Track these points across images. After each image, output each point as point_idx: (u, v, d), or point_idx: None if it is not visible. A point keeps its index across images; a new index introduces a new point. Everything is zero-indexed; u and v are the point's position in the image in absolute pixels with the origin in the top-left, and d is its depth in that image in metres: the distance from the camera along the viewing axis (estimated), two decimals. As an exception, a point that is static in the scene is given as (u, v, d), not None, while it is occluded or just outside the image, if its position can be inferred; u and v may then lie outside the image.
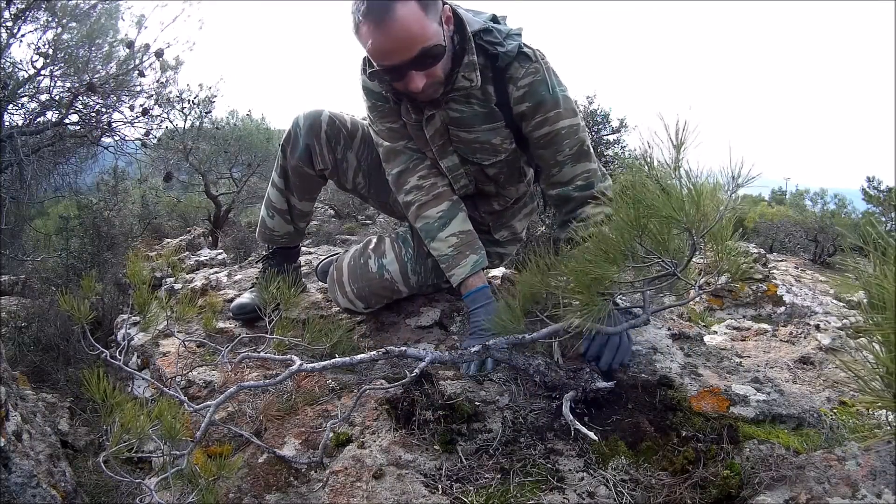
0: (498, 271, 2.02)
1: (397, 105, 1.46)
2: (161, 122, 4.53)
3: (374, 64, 1.29)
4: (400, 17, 1.18)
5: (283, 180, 1.67)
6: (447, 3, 1.31)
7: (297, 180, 1.66)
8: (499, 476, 0.95)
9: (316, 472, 1.01)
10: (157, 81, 4.28)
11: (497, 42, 1.35)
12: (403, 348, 1.15)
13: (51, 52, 3.55)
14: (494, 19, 1.41)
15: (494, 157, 1.49)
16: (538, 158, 1.47)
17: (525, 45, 1.37)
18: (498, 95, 1.39)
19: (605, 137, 4.75)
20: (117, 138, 4.10)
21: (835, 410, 1.22)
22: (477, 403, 1.14)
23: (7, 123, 3.46)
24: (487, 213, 1.67)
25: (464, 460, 1.00)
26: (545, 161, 1.44)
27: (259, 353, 1.30)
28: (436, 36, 1.24)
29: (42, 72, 3.56)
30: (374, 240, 1.61)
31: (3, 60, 3.36)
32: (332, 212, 6.81)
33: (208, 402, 1.04)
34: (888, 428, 0.87)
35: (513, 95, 1.38)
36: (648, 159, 1.00)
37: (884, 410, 0.95)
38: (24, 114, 3.66)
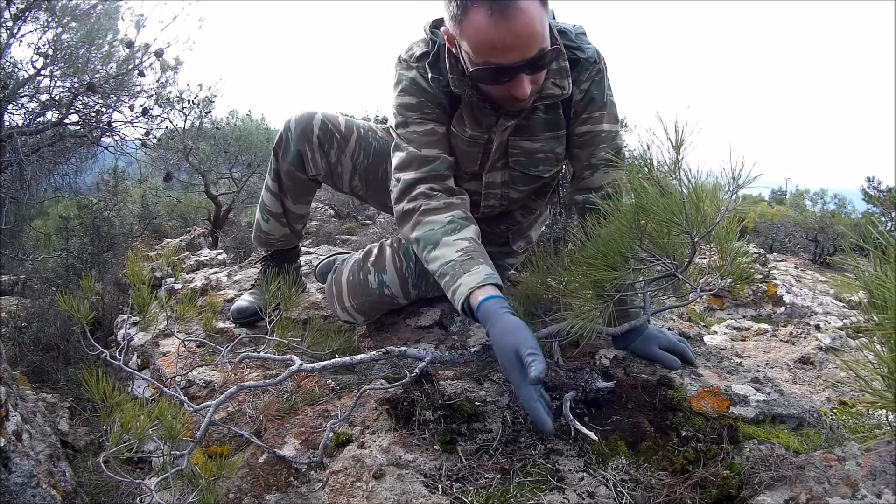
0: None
1: (453, 111, 1.32)
2: (161, 122, 4.52)
3: (475, 60, 1.13)
4: (525, 9, 1.04)
5: (277, 184, 1.63)
6: None
7: (290, 184, 1.63)
8: (499, 476, 0.95)
9: (316, 472, 1.01)
10: (157, 81, 4.28)
11: (575, 46, 1.27)
12: (403, 348, 1.16)
13: (51, 52, 3.54)
14: (553, 17, 1.29)
15: (556, 167, 1.43)
16: (573, 159, 1.42)
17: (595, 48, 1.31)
18: (563, 98, 1.31)
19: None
20: (117, 138, 4.10)
21: (835, 410, 1.22)
22: (477, 403, 1.14)
23: (7, 123, 3.46)
24: (509, 225, 1.63)
25: (464, 460, 1.00)
26: (579, 162, 1.39)
27: (259, 353, 1.30)
28: (550, 37, 1.13)
29: (42, 72, 3.56)
30: (375, 251, 1.55)
31: (3, 60, 3.36)
32: (332, 212, 6.81)
33: (208, 402, 1.04)
34: (888, 428, 0.87)
35: (575, 98, 1.32)
36: (648, 160, 1.00)
37: (884, 410, 0.95)
38: (24, 114, 3.66)
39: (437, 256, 1.18)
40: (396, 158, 1.34)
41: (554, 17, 1.31)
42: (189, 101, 4.71)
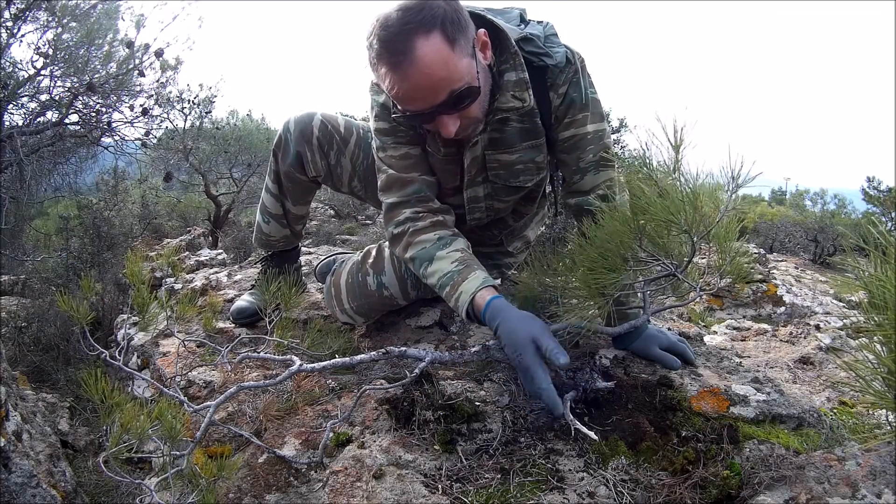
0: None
1: (424, 133, 1.32)
2: (161, 122, 4.53)
3: (395, 106, 1.17)
4: (421, 59, 1.03)
5: (277, 185, 1.63)
6: (483, 17, 1.18)
7: (290, 185, 1.62)
8: (499, 476, 0.95)
9: (316, 472, 1.01)
10: (157, 81, 4.28)
11: (542, 52, 1.23)
12: (403, 348, 1.15)
13: (51, 52, 3.54)
14: (522, 19, 1.29)
15: (538, 176, 1.40)
16: (561, 164, 1.39)
17: (567, 48, 1.26)
18: (540, 106, 1.27)
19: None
20: (117, 138, 4.10)
21: (835, 410, 1.22)
22: (477, 403, 1.14)
23: (7, 123, 3.46)
24: (501, 230, 1.62)
25: (464, 460, 1.00)
26: (567, 166, 1.35)
27: (259, 353, 1.30)
28: (467, 74, 1.09)
29: (42, 72, 3.56)
30: (374, 252, 1.54)
31: (3, 60, 3.36)
32: (332, 212, 6.81)
33: (208, 402, 1.04)
34: (888, 428, 0.87)
35: (553, 103, 1.28)
36: (647, 160, 1.00)
37: (884, 410, 0.95)
38: (24, 114, 3.66)
39: (434, 271, 1.25)
40: (380, 181, 1.38)
41: (523, 20, 1.29)
42: (189, 101, 4.72)
